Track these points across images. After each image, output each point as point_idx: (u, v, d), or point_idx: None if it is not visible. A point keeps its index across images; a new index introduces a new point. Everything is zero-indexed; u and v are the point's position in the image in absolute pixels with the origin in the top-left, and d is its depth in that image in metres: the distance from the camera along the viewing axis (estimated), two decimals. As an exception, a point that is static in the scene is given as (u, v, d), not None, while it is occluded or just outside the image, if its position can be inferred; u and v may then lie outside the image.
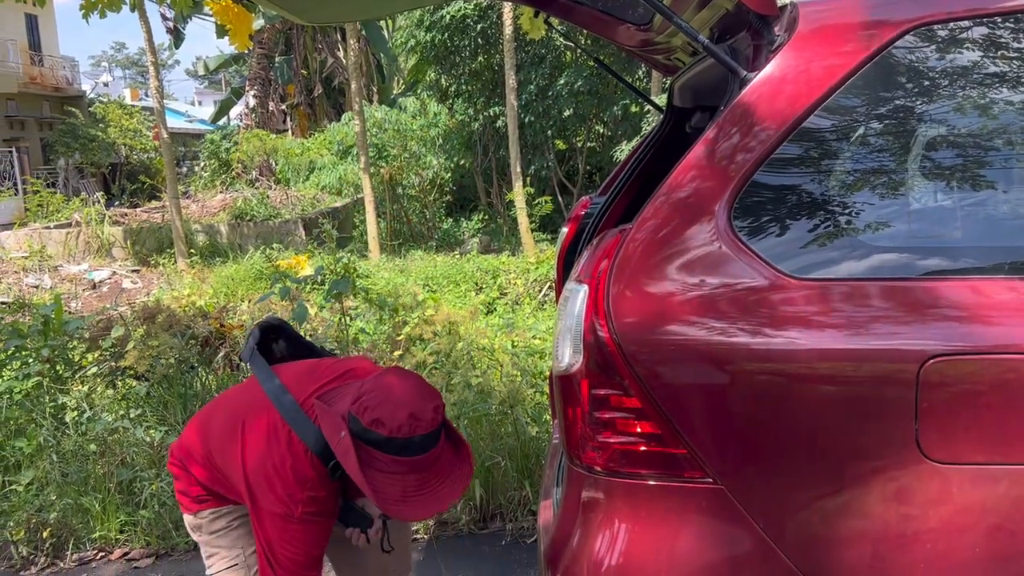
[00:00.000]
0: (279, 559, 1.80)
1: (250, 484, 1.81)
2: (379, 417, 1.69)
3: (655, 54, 2.62)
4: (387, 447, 1.69)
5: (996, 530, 1.32)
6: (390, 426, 1.68)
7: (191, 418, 2.11)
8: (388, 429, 1.68)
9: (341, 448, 1.71)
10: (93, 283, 11.68)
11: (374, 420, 1.69)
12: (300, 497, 1.78)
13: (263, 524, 1.80)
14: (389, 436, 1.68)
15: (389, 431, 1.68)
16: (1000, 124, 1.46)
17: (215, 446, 1.93)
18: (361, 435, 1.71)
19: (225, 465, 1.90)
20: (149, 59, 12.50)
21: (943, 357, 1.30)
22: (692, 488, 1.38)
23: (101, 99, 25.78)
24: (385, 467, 1.71)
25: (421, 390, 1.77)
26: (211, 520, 2.00)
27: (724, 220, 1.39)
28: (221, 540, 2.01)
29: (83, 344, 4.85)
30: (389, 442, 1.69)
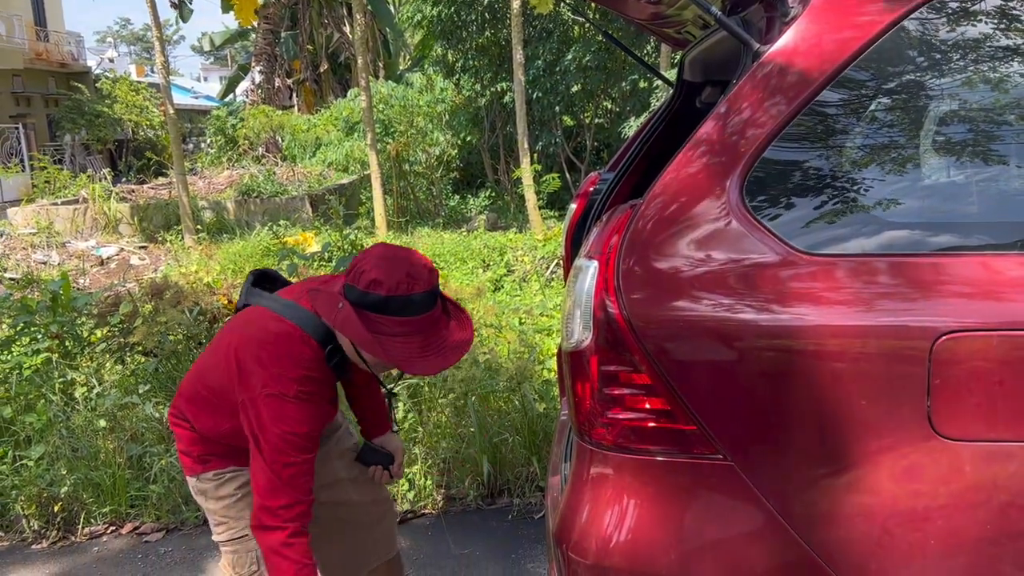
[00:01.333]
0: (269, 438, 1.72)
1: (242, 371, 1.76)
2: (376, 277, 1.68)
3: (665, 27, 2.59)
4: (388, 307, 1.68)
5: (1007, 507, 1.31)
6: (388, 284, 1.68)
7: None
8: (386, 287, 1.68)
9: (341, 318, 1.69)
10: (101, 259, 11.72)
11: (371, 281, 1.68)
12: (294, 375, 1.74)
13: (255, 408, 1.73)
14: (388, 295, 1.68)
15: (388, 289, 1.68)
16: (1014, 98, 1.43)
17: (205, 369, 1.90)
18: (360, 301, 1.69)
19: (217, 380, 1.84)
20: (154, 34, 12.44)
21: (956, 333, 1.29)
22: (701, 464, 1.38)
23: (107, 75, 25.71)
24: (388, 330, 1.69)
25: (412, 252, 1.77)
26: (216, 485, 1.96)
27: (735, 196, 1.38)
28: (229, 510, 1.97)
29: (91, 320, 4.87)
30: (389, 301, 1.68)
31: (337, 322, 1.70)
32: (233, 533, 1.99)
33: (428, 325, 1.73)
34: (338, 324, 1.70)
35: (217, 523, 2.00)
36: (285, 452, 1.73)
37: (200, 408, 1.91)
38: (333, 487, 2.13)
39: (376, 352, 1.68)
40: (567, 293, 1.53)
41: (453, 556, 3.02)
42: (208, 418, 1.90)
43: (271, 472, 1.73)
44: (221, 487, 1.96)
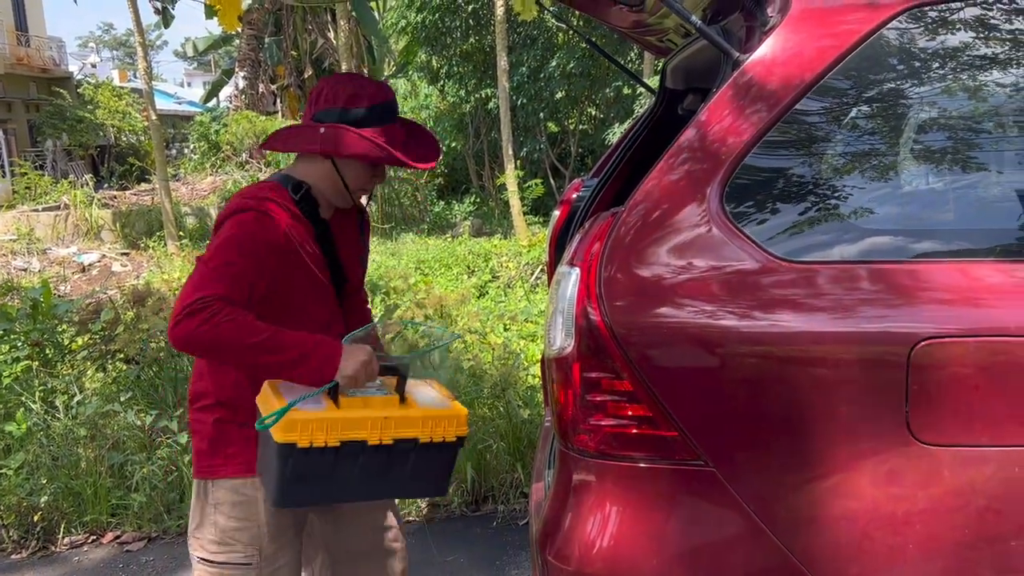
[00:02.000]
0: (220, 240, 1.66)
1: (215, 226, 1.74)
2: (353, 92, 1.74)
3: (647, 35, 2.61)
4: (372, 117, 1.74)
5: (984, 511, 1.33)
6: (366, 94, 1.74)
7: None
8: (367, 99, 1.74)
9: (327, 138, 1.72)
10: (82, 266, 11.62)
11: (350, 96, 1.74)
12: (258, 194, 1.74)
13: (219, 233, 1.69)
14: (371, 104, 1.74)
15: (369, 100, 1.74)
16: (992, 106, 1.45)
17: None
18: (342, 118, 1.74)
19: None
20: (137, 40, 12.38)
21: (934, 340, 1.30)
22: (683, 471, 1.39)
23: (89, 80, 25.52)
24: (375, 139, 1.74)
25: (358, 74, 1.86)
26: (230, 495, 1.78)
27: (716, 203, 1.39)
28: (240, 534, 1.78)
29: (72, 328, 4.83)
30: (372, 110, 1.74)
31: (326, 145, 1.73)
32: (238, 558, 1.80)
33: (404, 132, 1.81)
34: (328, 145, 1.73)
35: (217, 541, 1.80)
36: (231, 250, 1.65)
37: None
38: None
39: (375, 152, 1.72)
40: (549, 300, 1.53)
41: (437, 564, 3.02)
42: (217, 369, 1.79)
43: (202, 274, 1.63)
44: (236, 506, 1.79)
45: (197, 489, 1.84)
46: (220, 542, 1.80)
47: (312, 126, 1.76)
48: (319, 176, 1.82)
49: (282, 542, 1.84)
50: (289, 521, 1.86)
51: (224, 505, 1.80)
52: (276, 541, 1.82)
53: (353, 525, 2.01)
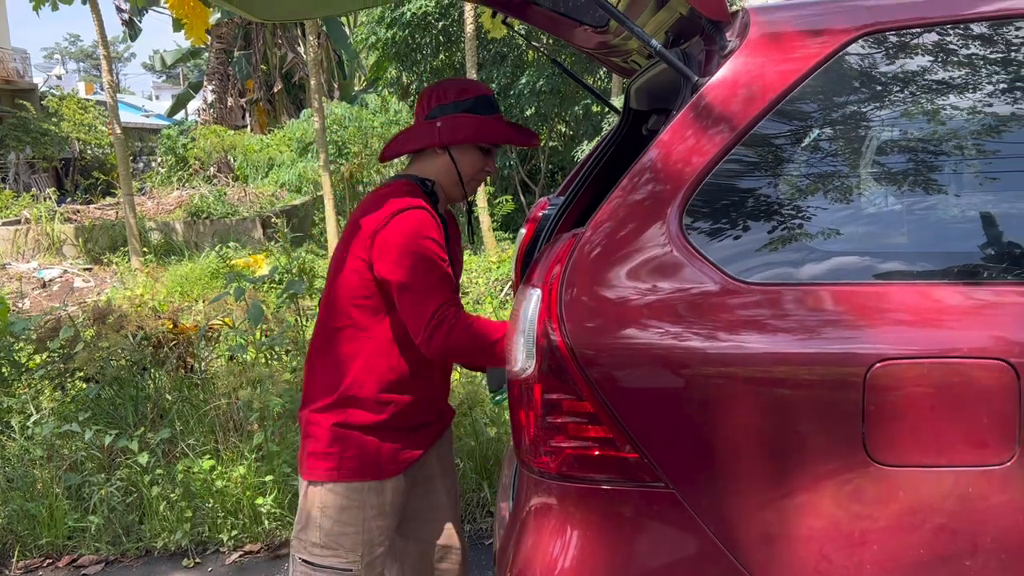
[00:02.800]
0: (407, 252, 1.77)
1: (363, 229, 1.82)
2: (461, 87, 1.95)
3: (612, 56, 2.63)
4: (480, 106, 1.93)
5: (939, 530, 1.34)
6: (473, 89, 1.96)
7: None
8: (474, 91, 1.95)
9: (444, 130, 1.90)
10: (43, 282, 11.39)
11: (460, 90, 1.94)
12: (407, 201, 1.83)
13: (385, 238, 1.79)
14: (477, 95, 1.94)
15: (475, 92, 1.95)
16: (949, 129, 1.48)
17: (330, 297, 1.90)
18: (455, 109, 1.92)
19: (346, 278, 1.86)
20: (102, 52, 12.22)
21: (889, 361, 1.32)
22: (644, 492, 1.38)
23: (53, 92, 25.15)
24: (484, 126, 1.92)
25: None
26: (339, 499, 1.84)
27: (676, 224, 1.39)
28: (344, 539, 1.84)
29: (30, 345, 4.73)
30: (479, 100, 1.94)
31: (444, 135, 1.90)
32: (339, 563, 1.86)
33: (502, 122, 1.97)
34: (446, 135, 1.90)
35: (321, 544, 1.86)
36: (425, 260, 1.78)
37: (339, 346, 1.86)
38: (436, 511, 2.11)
39: (491, 135, 1.92)
40: (511, 321, 1.53)
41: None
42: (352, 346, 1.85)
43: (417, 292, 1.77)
44: (346, 509, 1.85)
45: (304, 490, 1.89)
46: (324, 545, 1.86)
47: (426, 124, 1.93)
48: (438, 171, 1.96)
49: (382, 548, 1.92)
50: (392, 524, 1.93)
51: (331, 508, 1.85)
52: (377, 548, 1.90)
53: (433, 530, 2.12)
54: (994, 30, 1.47)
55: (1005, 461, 1.32)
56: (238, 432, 3.80)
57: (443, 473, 2.12)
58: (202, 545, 3.36)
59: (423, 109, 1.96)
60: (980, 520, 1.33)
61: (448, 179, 1.96)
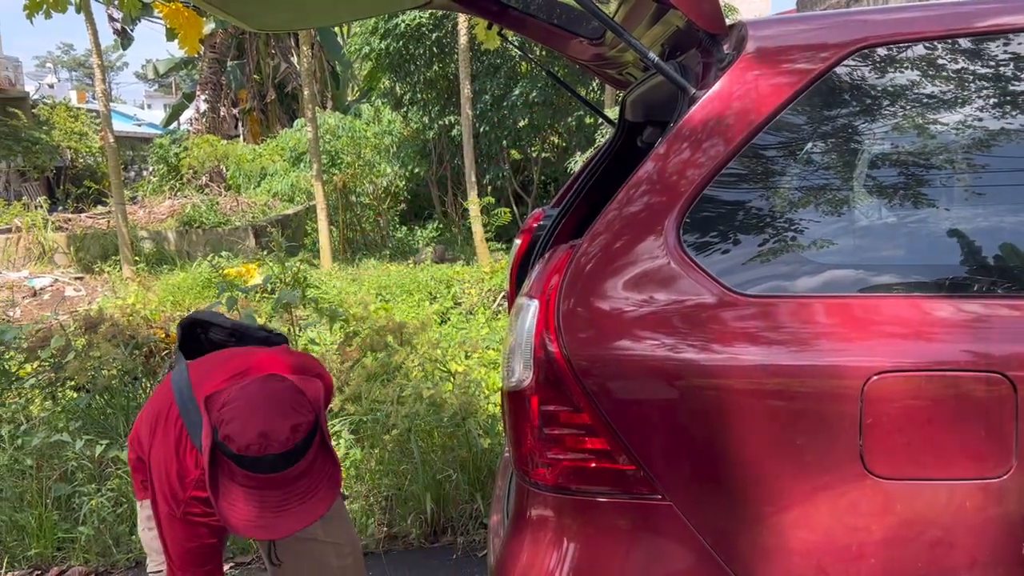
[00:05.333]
0: (171, 553, 1.88)
1: (152, 480, 1.88)
2: (229, 433, 1.65)
3: (607, 68, 2.64)
4: (239, 462, 1.65)
5: (937, 543, 1.34)
6: (238, 443, 1.64)
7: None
8: (236, 446, 1.64)
9: (207, 457, 1.70)
10: (34, 290, 11.33)
11: (225, 436, 1.65)
12: (183, 497, 1.84)
13: (159, 520, 1.88)
14: (238, 453, 1.64)
15: (237, 448, 1.64)
16: (942, 143, 1.49)
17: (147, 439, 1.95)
18: (220, 447, 1.67)
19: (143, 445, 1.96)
20: (95, 61, 12.20)
21: (886, 373, 1.32)
22: (641, 505, 1.38)
23: (45, 101, 25.07)
24: (243, 481, 1.67)
25: (281, 406, 1.68)
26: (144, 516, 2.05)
27: (673, 236, 1.40)
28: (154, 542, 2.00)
29: (21, 354, 4.69)
30: (240, 459, 1.65)
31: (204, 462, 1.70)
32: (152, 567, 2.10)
33: (284, 482, 1.68)
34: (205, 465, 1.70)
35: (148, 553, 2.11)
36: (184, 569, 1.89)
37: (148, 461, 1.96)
38: None
39: (216, 509, 1.68)
40: (508, 332, 1.53)
41: (395, 597, 2.96)
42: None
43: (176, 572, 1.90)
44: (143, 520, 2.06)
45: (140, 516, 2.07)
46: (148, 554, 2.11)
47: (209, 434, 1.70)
48: None
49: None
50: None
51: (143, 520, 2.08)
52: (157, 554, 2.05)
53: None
54: (987, 44, 1.48)
55: (1002, 474, 1.32)
56: (230, 443, 3.77)
57: None
58: (193, 557, 3.33)
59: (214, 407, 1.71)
60: (978, 533, 1.33)
61: None
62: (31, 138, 22.01)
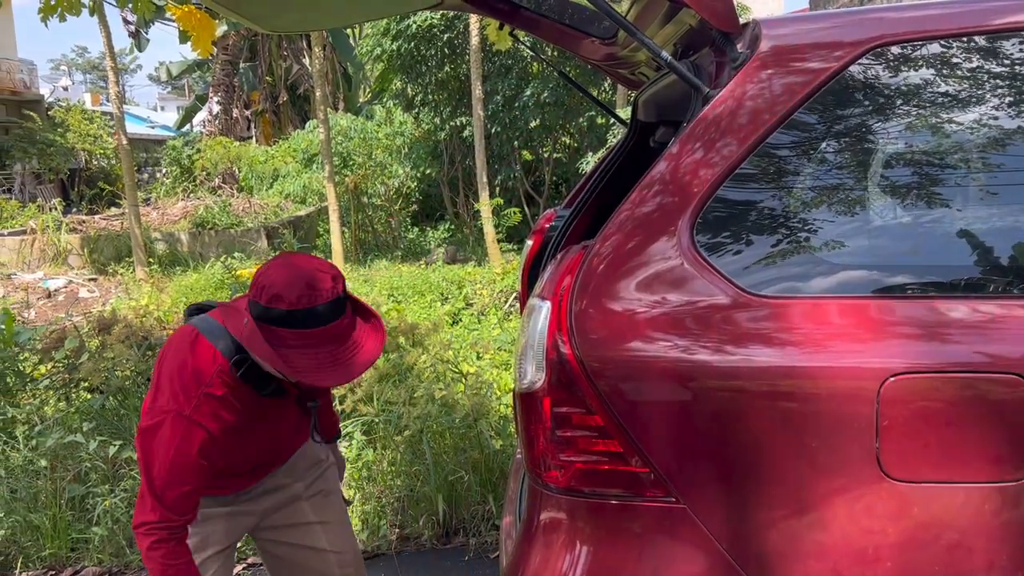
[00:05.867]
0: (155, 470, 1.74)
1: (157, 387, 1.80)
2: (277, 293, 1.67)
3: (619, 68, 2.63)
4: (291, 321, 1.67)
5: (955, 547, 1.32)
6: (288, 299, 1.67)
7: None
8: (287, 302, 1.66)
9: (246, 332, 1.70)
10: (48, 292, 11.41)
11: (272, 297, 1.67)
12: (195, 393, 1.77)
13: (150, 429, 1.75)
14: (290, 309, 1.66)
15: (288, 304, 1.66)
16: (957, 142, 1.47)
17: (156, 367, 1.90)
18: (264, 316, 1.68)
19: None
20: (109, 64, 12.29)
21: (903, 375, 1.30)
22: (654, 507, 1.37)
23: (60, 103, 25.27)
24: (294, 343, 1.69)
25: (316, 262, 1.75)
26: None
27: (687, 237, 1.39)
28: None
29: (35, 356, 4.73)
30: (291, 315, 1.67)
31: (243, 338, 1.72)
32: None
33: (332, 337, 1.71)
34: (244, 340, 1.72)
35: None
36: (169, 484, 1.74)
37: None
38: (301, 528, 2.12)
39: (279, 366, 1.68)
40: (520, 333, 1.52)
41: (407, 598, 2.96)
42: None
43: (154, 490, 1.75)
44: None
45: None
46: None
47: (242, 312, 1.76)
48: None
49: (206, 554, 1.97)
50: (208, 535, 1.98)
51: None
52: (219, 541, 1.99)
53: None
54: (1003, 43, 1.46)
55: (1021, 477, 1.31)
56: (242, 443, 3.78)
57: (305, 487, 2.17)
58: (206, 557, 3.34)
59: (251, 286, 1.76)
60: (995, 537, 1.32)
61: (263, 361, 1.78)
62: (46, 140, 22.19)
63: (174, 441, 1.75)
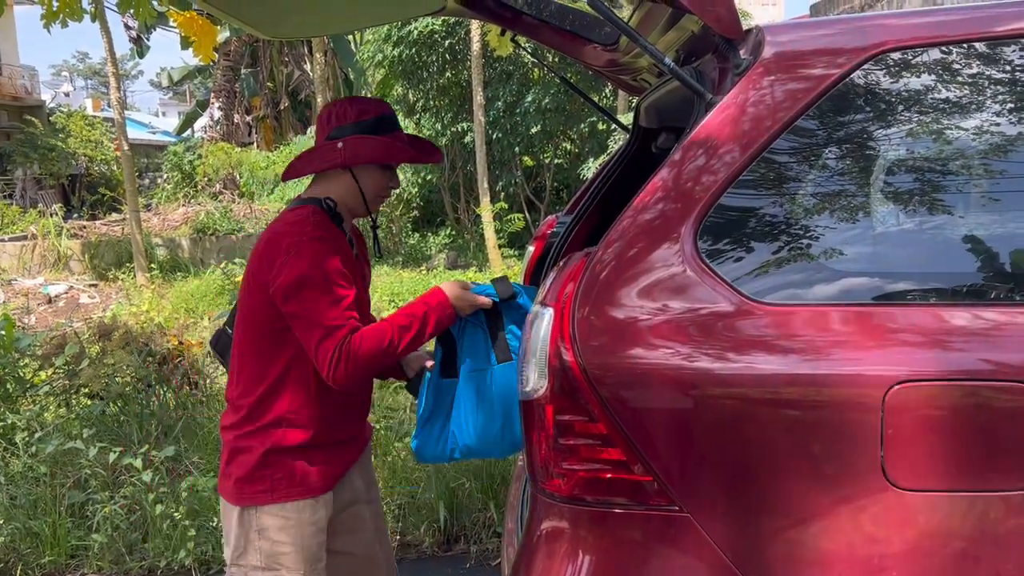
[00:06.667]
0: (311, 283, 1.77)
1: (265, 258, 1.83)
2: (362, 107, 1.95)
3: (621, 74, 2.63)
4: (380, 126, 1.93)
5: (961, 557, 1.31)
6: (374, 108, 1.96)
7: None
8: (374, 111, 1.95)
9: (348, 151, 1.89)
10: (49, 298, 11.42)
11: (359, 111, 1.93)
12: (310, 232, 1.82)
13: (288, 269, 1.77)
14: (378, 115, 1.94)
15: (376, 111, 1.95)
16: (960, 149, 1.47)
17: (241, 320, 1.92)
18: (356, 130, 1.91)
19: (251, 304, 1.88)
20: (110, 70, 12.33)
21: (908, 383, 1.29)
22: (658, 516, 1.36)
23: (61, 109, 25.32)
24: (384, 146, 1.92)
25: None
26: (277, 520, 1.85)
27: (689, 243, 1.38)
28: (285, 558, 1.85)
29: (36, 362, 4.72)
30: (381, 120, 1.94)
31: (346, 156, 1.89)
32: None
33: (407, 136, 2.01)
34: (348, 156, 1.89)
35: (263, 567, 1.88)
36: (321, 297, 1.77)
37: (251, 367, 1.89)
38: (360, 536, 2.10)
39: (392, 155, 1.93)
40: (522, 340, 1.51)
41: (408, 606, 2.95)
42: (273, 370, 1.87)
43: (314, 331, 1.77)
44: (284, 531, 1.86)
45: (236, 516, 1.88)
46: (266, 567, 1.87)
47: (327, 145, 1.92)
48: (342, 190, 1.96)
49: (322, 563, 1.93)
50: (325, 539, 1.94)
51: (269, 530, 1.86)
52: (318, 563, 1.91)
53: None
54: (1005, 49, 1.46)
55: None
56: (243, 450, 3.78)
57: (367, 489, 2.15)
58: (205, 564, 3.33)
59: (323, 129, 1.96)
60: (1001, 546, 1.31)
61: (352, 198, 1.97)
62: (47, 146, 22.22)
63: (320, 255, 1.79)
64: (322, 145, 1.94)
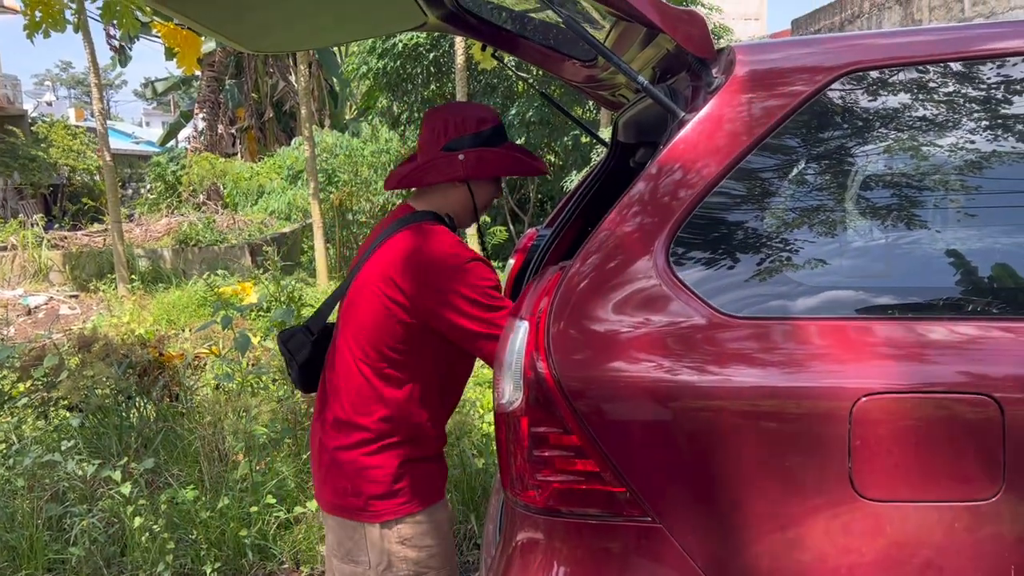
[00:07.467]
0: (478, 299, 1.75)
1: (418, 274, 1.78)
2: (480, 117, 1.91)
3: (600, 90, 2.66)
4: (497, 136, 1.91)
5: (927, 566, 1.34)
6: (488, 117, 1.92)
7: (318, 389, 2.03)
8: (490, 121, 1.92)
9: (469, 164, 1.86)
10: (28, 309, 11.30)
11: (478, 120, 1.90)
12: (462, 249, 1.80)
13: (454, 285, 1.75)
14: (496, 125, 1.92)
15: (492, 122, 1.92)
16: (931, 165, 1.50)
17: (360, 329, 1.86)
18: (475, 141, 1.88)
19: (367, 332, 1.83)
20: (92, 80, 12.25)
21: (874, 395, 1.32)
22: (631, 527, 1.38)
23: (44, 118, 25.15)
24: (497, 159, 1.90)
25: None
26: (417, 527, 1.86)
27: (663, 258, 1.40)
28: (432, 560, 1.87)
29: (14, 373, 4.68)
30: (497, 130, 1.92)
31: (469, 170, 1.86)
32: None
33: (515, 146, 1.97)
34: (471, 170, 1.86)
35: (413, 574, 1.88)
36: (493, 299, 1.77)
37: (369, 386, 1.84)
38: None
39: (516, 168, 1.90)
40: (499, 352, 1.53)
41: (387, 619, 2.93)
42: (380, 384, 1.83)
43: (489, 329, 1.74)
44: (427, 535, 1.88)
45: (376, 534, 1.86)
46: (416, 574, 1.88)
47: (447, 157, 1.88)
48: (455, 202, 1.95)
49: (456, 557, 2.01)
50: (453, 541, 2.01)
51: (413, 538, 1.87)
52: (455, 557, 1.98)
53: None
54: (975, 69, 1.50)
55: (991, 496, 1.32)
56: (223, 462, 3.76)
57: None
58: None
59: (438, 138, 1.90)
60: (968, 555, 1.33)
61: (463, 210, 1.96)
62: (28, 155, 22.05)
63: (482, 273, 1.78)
64: (439, 156, 1.88)
